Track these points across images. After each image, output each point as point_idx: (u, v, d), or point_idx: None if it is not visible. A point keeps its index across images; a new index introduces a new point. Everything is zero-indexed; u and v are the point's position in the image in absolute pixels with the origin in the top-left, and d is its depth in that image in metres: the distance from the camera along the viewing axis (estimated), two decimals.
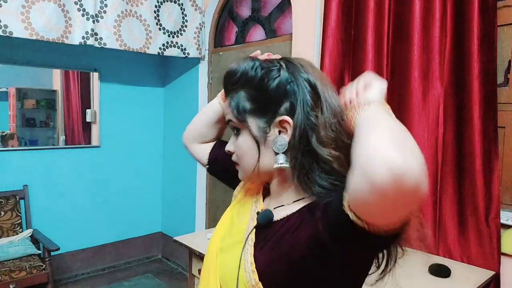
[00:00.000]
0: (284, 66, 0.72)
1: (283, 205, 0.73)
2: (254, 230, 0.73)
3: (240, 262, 0.69)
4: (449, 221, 1.78)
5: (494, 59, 1.63)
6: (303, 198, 0.71)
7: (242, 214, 0.82)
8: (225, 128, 0.96)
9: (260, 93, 0.71)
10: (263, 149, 0.72)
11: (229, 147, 0.79)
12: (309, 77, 0.71)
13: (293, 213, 0.69)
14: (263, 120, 0.71)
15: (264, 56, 0.80)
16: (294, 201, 0.72)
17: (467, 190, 1.72)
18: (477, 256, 1.69)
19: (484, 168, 1.66)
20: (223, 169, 0.94)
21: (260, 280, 0.66)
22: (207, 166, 0.97)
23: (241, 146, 0.74)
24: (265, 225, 0.71)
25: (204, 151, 0.97)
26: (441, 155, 1.78)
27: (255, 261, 0.68)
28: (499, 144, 1.68)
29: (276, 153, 0.70)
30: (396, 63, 1.92)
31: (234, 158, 0.78)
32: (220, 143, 0.97)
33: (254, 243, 0.71)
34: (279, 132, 0.70)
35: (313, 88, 0.70)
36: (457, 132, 1.75)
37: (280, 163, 0.70)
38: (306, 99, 0.69)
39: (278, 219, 0.71)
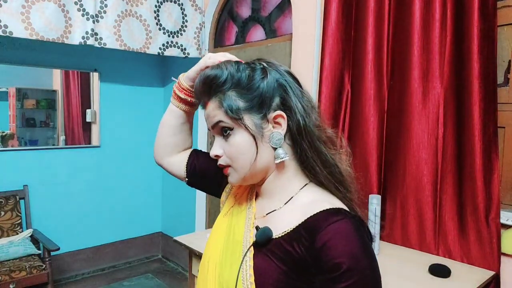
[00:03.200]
0: (265, 64, 0.75)
1: (275, 210, 0.75)
2: (252, 247, 0.72)
3: (238, 276, 0.70)
4: (449, 221, 1.78)
5: (494, 59, 1.63)
6: (292, 197, 0.75)
7: (237, 224, 0.80)
8: (192, 130, 0.96)
9: (252, 91, 0.72)
10: (260, 145, 0.72)
11: (216, 151, 0.75)
12: (288, 71, 0.77)
13: (290, 232, 0.70)
14: (258, 117, 0.72)
15: (222, 57, 0.80)
16: (285, 203, 0.75)
17: (467, 190, 1.72)
18: (477, 256, 1.69)
19: (484, 168, 1.66)
20: (204, 179, 0.94)
21: None
22: (186, 179, 0.95)
23: (236, 145, 0.72)
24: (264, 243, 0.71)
25: (180, 163, 0.94)
26: (441, 155, 1.78)
27: (254, 274, 0.69)
28: (499, 144, 1.68)
29: (274, 148, 0.73)
30: (396, 63, 1.92)
31: (224, 161, 0.75)
32: (195, 152, 0.96)
33: (253, 255, 0.71)
34: (273, 127, 0.73)
35: (296, 80, 0.77)
36: (457, 132, 1.75)
37: (282, 157, 0.72)
38: (297, 92, 0.74)
39: (277, 236, 0.71)
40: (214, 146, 0.75)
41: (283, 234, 0.70)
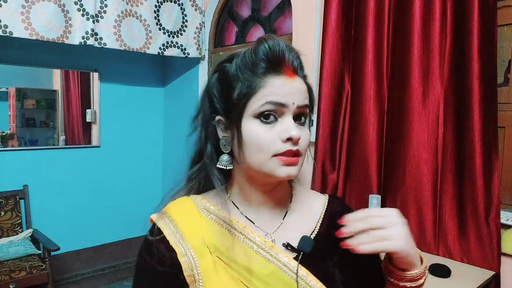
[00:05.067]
0: None
1: (285, 215, 0.71)
2: (298, 263, 0.65)
3: None
4: (449, 221, 1.78)
5: (494, 59, 1.63)
6: (292, 195, 0.74)
7: (246, 261, 0.64)
8: None
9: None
10: None
11: (299, 134, 0.62)
12: None
13: (320, 229, 0.71)
14: None
15: None
16: (289, 209, 0.72)
17: (467, 190, 1.72)
18: (477, 256, 1.69)
19: (484, 168, 1.66)
20: None
21: None
22: None
23: (309, 138, 0.66)
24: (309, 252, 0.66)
25: None
26: (441, 155, 1.78)
27: (321, 280, 0.65)
28: (499, 144, 1.68)
29: None
30: (396, 63, 1.92)
31: (300, 147, 0.63)
32: None
33: (307, 270, 0.65)
34: None
35: None
36: (457, 132, 1.75)
37: None
38: None
39: (313, 237, 0.69)
40: (295, 128, 0.62)
41: (315, 234, 0.70)
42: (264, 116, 0.62)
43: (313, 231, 0.70)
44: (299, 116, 0.64)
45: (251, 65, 0.63)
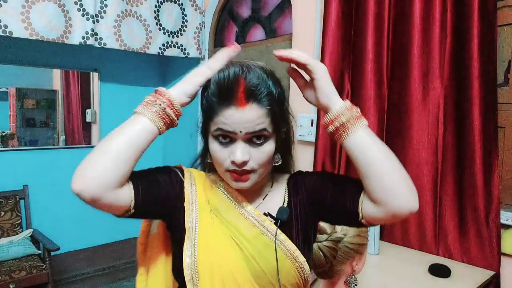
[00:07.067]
0: None
1: (267, 194, 0.84)
2: (277, 228, 0.78)
3: (277, 259, 0.75)
4: (449, 221, 1.78)
5: (494, 59, 1.63)
6: (272, 183, 0.86)
7: (237, 228, 0.78)
8: None
9: (283, 106, 0.78)
10: None
11: (246, 157, 0.72)
12: None
13: (288, 199, 0.82)
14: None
15: None
16: (270, 190, 0.85)
17: (467, 190, 1.72)
18: (477, 256, 1.69)
19: (484, 168, 1.66)
20: (154, 205, 0.78)
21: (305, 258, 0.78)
22: (133, 211, 0.75)
23: (268, 153, 0.74)
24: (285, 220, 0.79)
25: (123, 195, 0.72)
26: (441, 155, 1.78)
27: (297, 244, 0.78)
28: (499, 144, 1.68)
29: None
30: (396, 63, 1.92)
31: (250, 167, 0.73)
32: (137, 176, 0.75)
33: (284, 236, 0.78)
34: None
35: None
36: (457, 132, 1.75)
37: (276, 161, 0.82)
38: None
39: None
40: (240, 151, 0.71)
41: (286, 205, 0.82)
42: (221, 137, 0.73)
43: (283, 203, 0.82)
44: (256, 138, 0.73)
45: (211, 92, 0.74)
